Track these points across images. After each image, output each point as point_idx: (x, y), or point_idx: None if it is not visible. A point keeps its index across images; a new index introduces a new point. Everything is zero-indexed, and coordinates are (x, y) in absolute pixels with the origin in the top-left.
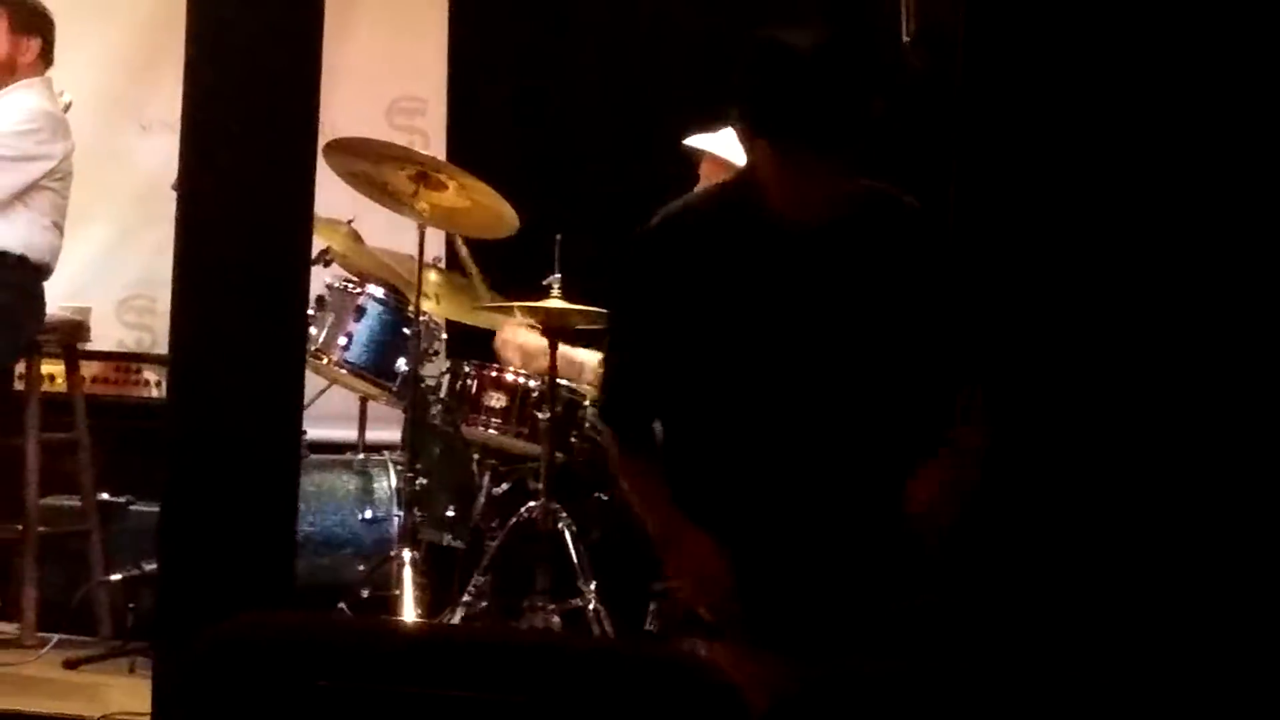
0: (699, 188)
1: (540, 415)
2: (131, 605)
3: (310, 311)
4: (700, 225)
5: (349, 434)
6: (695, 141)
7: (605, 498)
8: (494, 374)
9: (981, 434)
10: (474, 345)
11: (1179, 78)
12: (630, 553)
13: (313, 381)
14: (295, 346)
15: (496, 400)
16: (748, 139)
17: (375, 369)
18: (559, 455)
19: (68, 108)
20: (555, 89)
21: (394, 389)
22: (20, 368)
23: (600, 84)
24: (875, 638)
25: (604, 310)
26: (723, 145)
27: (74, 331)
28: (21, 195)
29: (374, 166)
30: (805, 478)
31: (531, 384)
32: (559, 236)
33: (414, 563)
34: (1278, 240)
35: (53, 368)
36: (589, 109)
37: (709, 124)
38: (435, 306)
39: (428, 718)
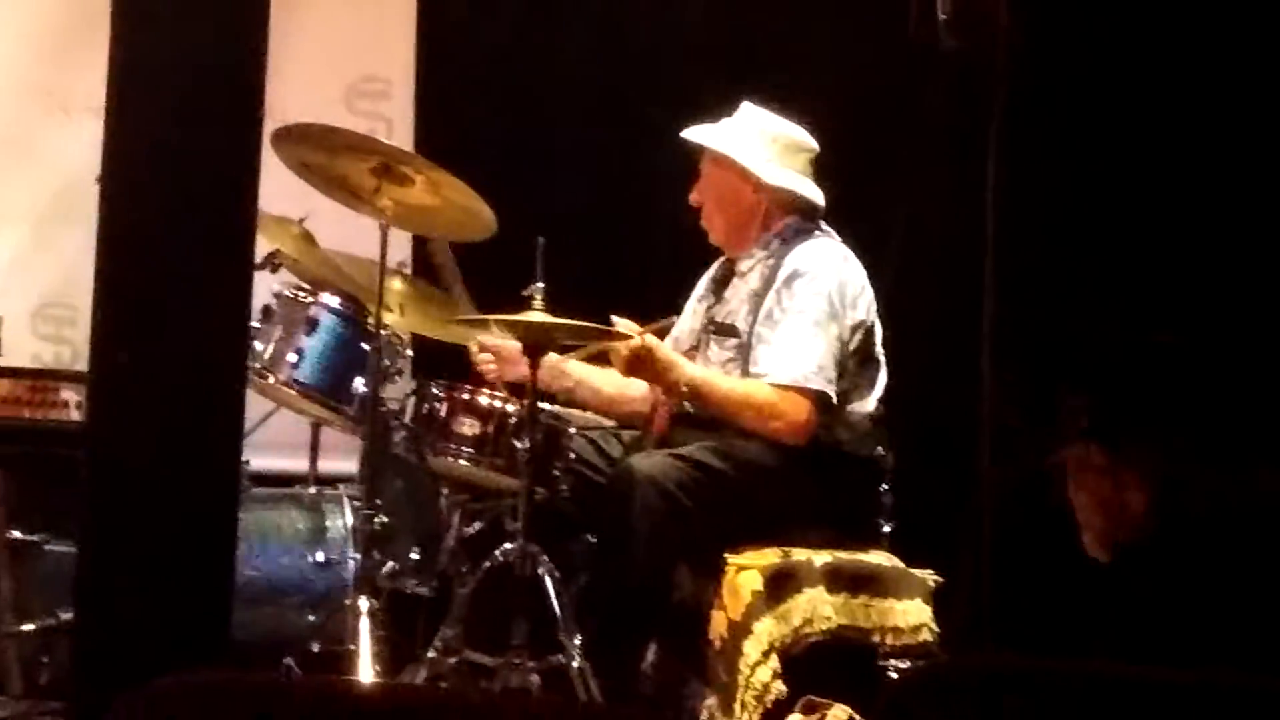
0: (699, 184)
1: (519, 445)
2: (44, 660)
3: (254, 323)
4: None
5: (299, 464)
6: (695, 135)
7: (591, 540)
8: (466, 396)
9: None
10: (443, 364)
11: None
12: (619, 603)
13: (257, 403)
14: (236, 363)
15: (469, 427)
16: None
17: (329, 390)
18: (539, 491)
19: None
20: (538, 71)
21: (351, 413)
22: None
23: (588, 66)
24: None
25: (591, 325)
26: (723, 139)
27: None
28: None
29: (330, 158)
30: None
31: (509, 409)
32: (541, 240)
33: (372, 613)
34: None
35: None
36: (576, 94)
37: (710, 114)
38: (399, 319)
39: None
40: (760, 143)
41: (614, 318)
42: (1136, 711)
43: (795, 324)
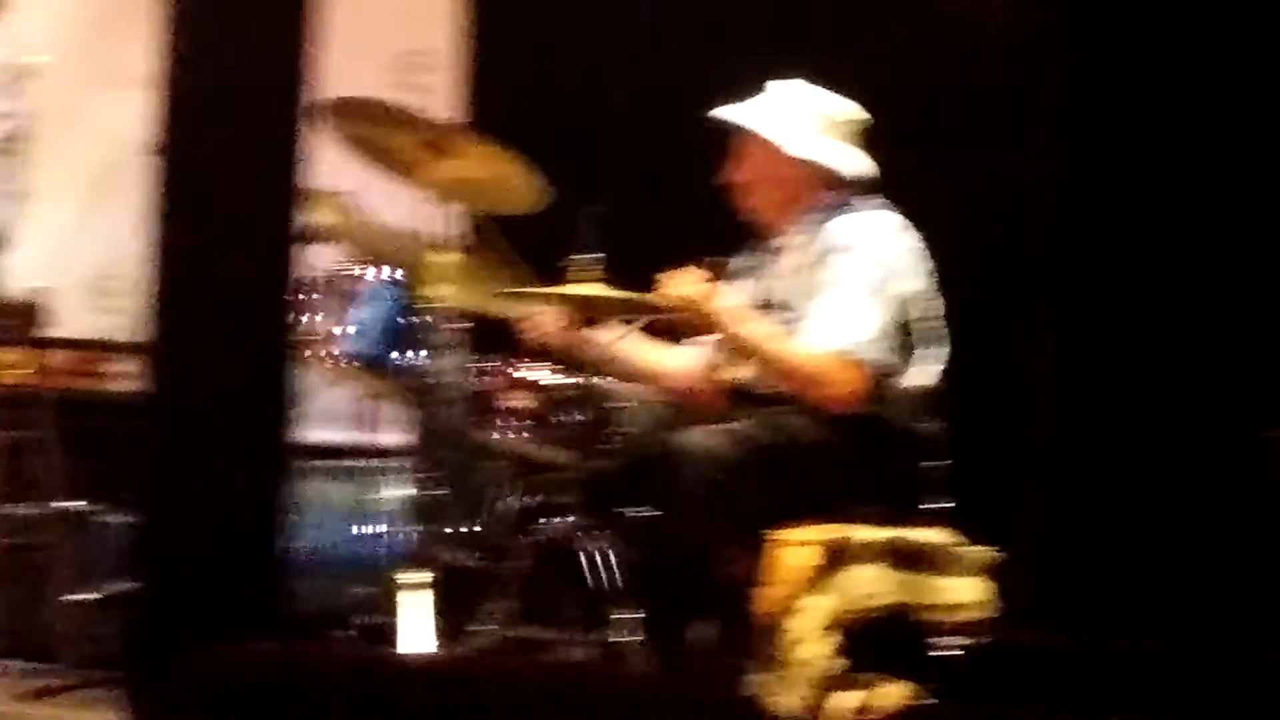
0: (738, 163)
1: (571, 418)
2: (95, 630)
3: (305, 297)
4: None
5: (351, 437)
6: (729, 115)
7: (645, 513)
8: (518, 370)
9: None
10: (495, 337)
11: None
12: (670, 577)
13: (309, 377)
14: (288, 336)
15: (521, 400)
16: None
17: (380, 363)
18: (591, 464)
19: (36, 69)
20: (590, 39)
21: (402, 386)
22: None
23: (642, 34)
24: None
25: (643, 296)
26: (759, 118)
27: (34, 316)
28: None
29: (379, 131)
30: None
31: (562, 382)
32: (591, 210)
33: (425, 585)
34: None
35: (9, 357)
36: (628, 64)
37: (757, 86)
38: (451, 292)
39: None
40: (799, 116)
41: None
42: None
43: (845, 294)
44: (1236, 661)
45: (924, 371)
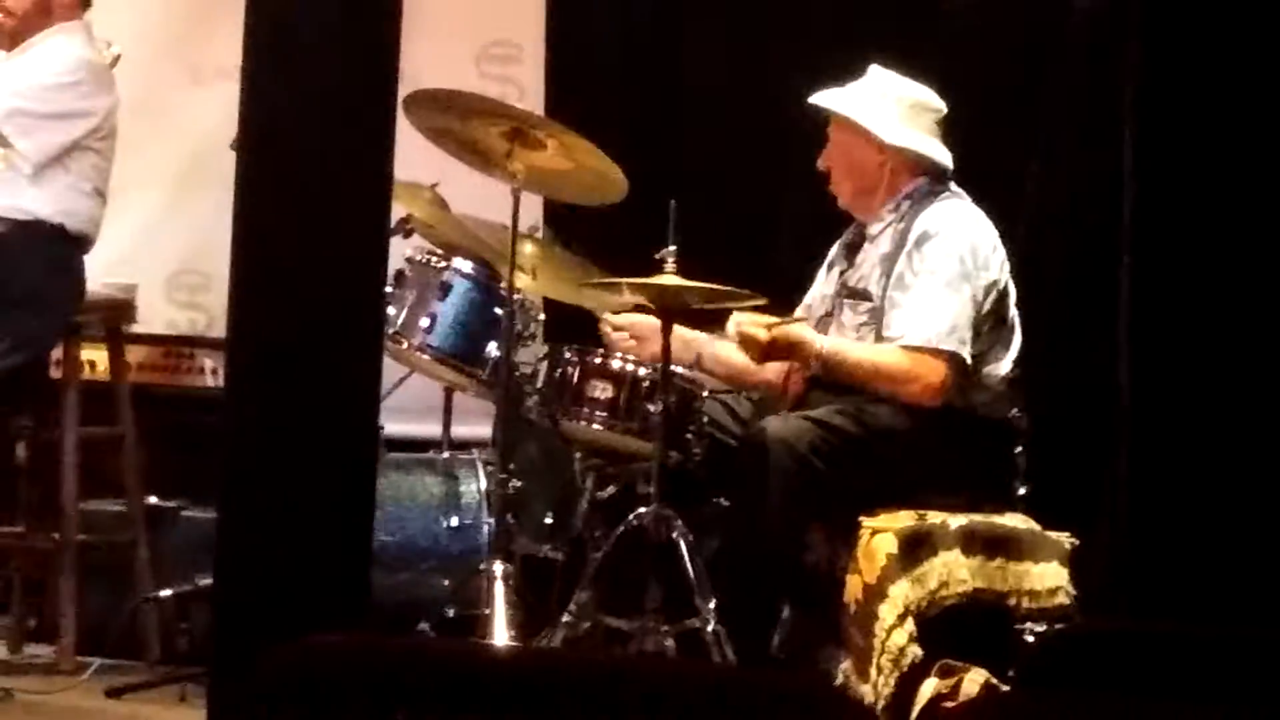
0: (826, 150)
1: (652, 408)
2: (183, 625)
3: (388, 289)
4: None
5: (432, 429)
6: (821, 100)
7: (725, 503)
8: (598, 361)
9: None
10: (575, 327)
11: None
12: (753, 567)
13: (391, 369)
14: (371, 329)
15: (601, 391)
16: None
17: (462, 354)
18: (673, 455)
19: (115, 60)
20: (670, 32)
21: (484, 377)
22: (57, 353)
23: (722, 28)
24: None
25: (725, 287)
26: (851, 104)
27: (118, 312)
28: (60, 157)
29: (462, 122)
30: None
31: (642, 372)
32: (674, 203)
33: (506, 577)
34: None
35: (94, 353)
36: (708, 56)
37: (839, 78)
38: (531, 283)
39: None
40: (885, 104)
41: (735, 315)
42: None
43: (927, 285)
44: None
45: (1002, 360)
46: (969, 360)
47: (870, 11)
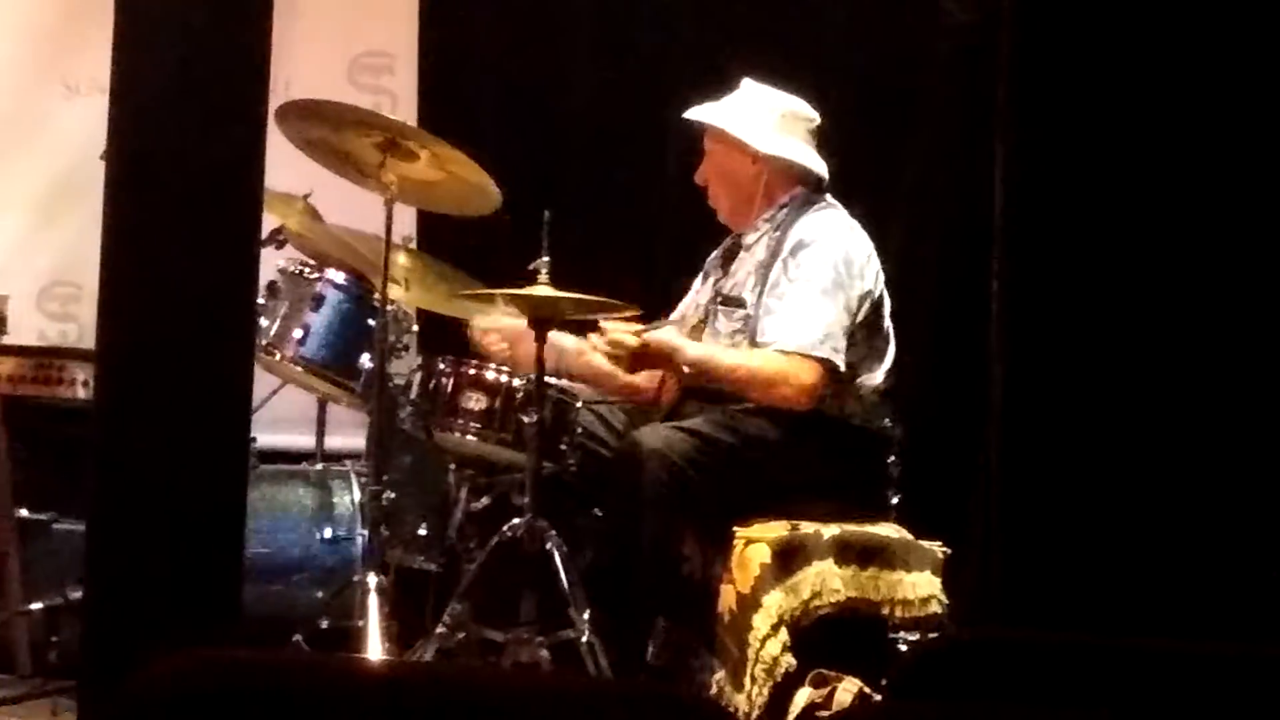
0: (703, 163)
1: (526, 419)
2: (54, 638)
3: (260, 300)
4: None
5: (306, 441)
6: (695, 114)
7: (600, 514)
8: (472, 371)
9: None
10: (449, 338)
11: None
12: (627, 577)
13: (264, 380)
14: (243, 340)
15: (475, 402)
16: None
17: (335, 366)
18: (547, 465)
19: None
20: (543, 44)
21: (357, 389)
22: None
23: (594, 40)
24: None
25: (599, 298)
26: (724, 116)
27: None
28: None
29: (334, 133)
30: None
31: (516, 383)
32: (547, 214)
33: (380, 589)
34: None
35: None
36: (581, 68)
37: (712, 91)
38: (404, 294)
39: None
40: (759, 115)
41: (603, 323)
42: (1150, 684)
43: (801, 292)
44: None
45: (876, 370)
46: (842, 368)
47: (743, 24)
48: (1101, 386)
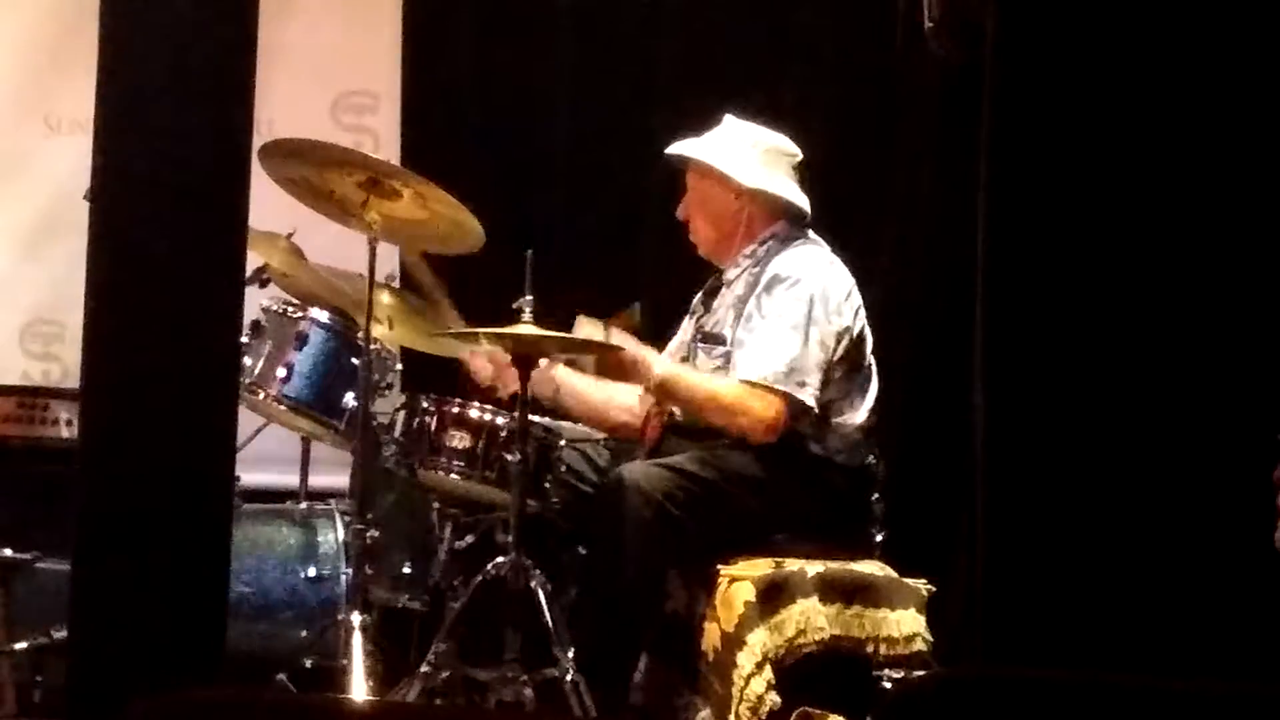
0: (685, 198)
1: (510, 457)
2: (38, 679)
3: (244, 339)
4: None
5: (290, 480)
6: (678, 149)
7: (583, 551)
8: (456, 410)
9: None
10: (433, 377)
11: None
12: (611, 615)
13: (247, 419)
14: (227, 380)
15: (459, 440)
16: None
17: (319, 405)
18: (531, 504)
19: None
20: (525, 84)
21: (340, 427)
22: None
23: (576, 79)
24: None
25: (580, 338)
26: (707, 150)
27: None
28: None
29: (317, 172)
30: None
31: (499, 421)
32: (530, 253)
33: (364, 627)
34: None
35: None
36: (563, 107)
37: (695, 127)
38: (388, 333)
39: None
40: (741, 150)
41: (580, 317)
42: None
43: (771, 326)
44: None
45: (858, 407)
46: (809, 403)
47: (726, 61)
48: (1085, 423)
